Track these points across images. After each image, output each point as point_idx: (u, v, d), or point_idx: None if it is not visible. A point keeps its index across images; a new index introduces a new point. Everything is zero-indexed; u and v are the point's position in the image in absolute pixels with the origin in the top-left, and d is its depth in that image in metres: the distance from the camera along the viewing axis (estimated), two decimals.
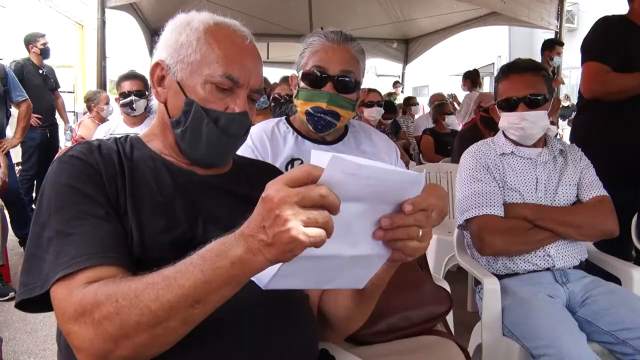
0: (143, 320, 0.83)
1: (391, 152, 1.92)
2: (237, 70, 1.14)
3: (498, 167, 2.16)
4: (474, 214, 2.09)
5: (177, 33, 1.17)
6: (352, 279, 0.95)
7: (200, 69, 1.14)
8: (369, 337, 1.53)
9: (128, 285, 0.86)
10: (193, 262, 0.83)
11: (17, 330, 3.06)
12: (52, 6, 8.52)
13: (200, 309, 0.84)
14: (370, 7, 7.65)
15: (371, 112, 4.55)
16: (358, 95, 1.77)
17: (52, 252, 0.95)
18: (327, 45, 1.70)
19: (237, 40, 1.17)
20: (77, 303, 0.87)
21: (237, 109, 1.15)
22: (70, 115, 8.05)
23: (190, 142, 1.17)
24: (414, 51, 9.60)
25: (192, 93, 1.15)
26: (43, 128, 5.57)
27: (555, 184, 2.14)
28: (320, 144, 1.80)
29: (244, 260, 0.79)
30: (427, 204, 0.86)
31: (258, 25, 7.34)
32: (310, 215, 0.73)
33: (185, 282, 0.82)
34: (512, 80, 2.15)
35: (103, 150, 1.12)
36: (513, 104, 2.12)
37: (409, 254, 0.89)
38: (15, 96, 4.30)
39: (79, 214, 0.98)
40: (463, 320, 2.73)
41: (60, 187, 1.02)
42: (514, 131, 2.16)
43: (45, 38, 5.66)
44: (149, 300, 0.83)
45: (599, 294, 1.94)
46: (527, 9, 5.41)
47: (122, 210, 1.05)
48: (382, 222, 0.84)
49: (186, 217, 1.10)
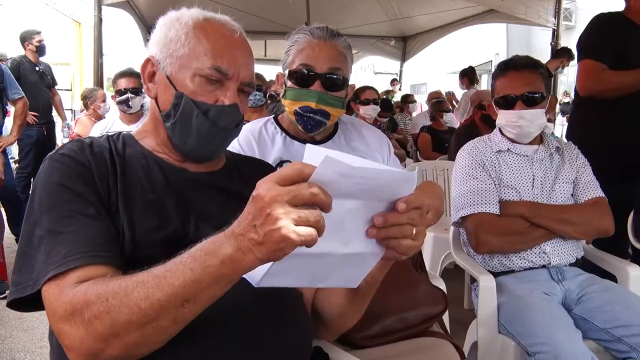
0: (133, 319, 0.82)
1: (382, 146, 1.87)
2: (226, 62, 1.14)
3: (494, 165, 2.16)
4: (470, 212, 2.09)
5: (166, 29, 1.17)
6: (345, 278, 0.95)
7: (189, 63, 1.13)
8: (365, 340, 1.52)
9: (118, 284, 0.85)
10: (183, 260, 0.83)
11: (14, 327, 3.06)
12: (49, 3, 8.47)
13: (190, 308, 0.83)
14: (368, 4, 7.65)
15: (367, 110, 4.53)
16: (347, 92, 1.73)
17: (43, 251, 0.95)
18: (314, 42, 1.66)
19: (226, 33, 1.17)
20: (67, 302, 0.87)
21: (227, 101, 1.15)
22: (67, 113, 8.03)
23: (181, 135, 1.16)
24: (411, 49, 9.61)
25: (182, 87, 1.14)
26: (40, 125, 5.54)
27: (551, 181, 2.13)
28: (310, 144, 1.78)
29: (234, 259, 0.78)
30: (420, 202, 0.86)
31: (255, 22, 7.37)
32: (301, 214, 0.73)
33: (175, 280, 0.81)
34: (509, 78, 2.14)
35: (95, 148, 1.11)
36: (510, 101, 2.12)
37: (403, 252, 0.89)
38: (11, 94, 4.28)
39: (70, 213, 0.98)
40: (459, 317, 2.73)
41: (51, 185, 1.02)
42: (511, 129, 2.16)
43: (40, 35, 5.64)
44: (139, 299, 0.82)
45: (594, 291, 1.94)
46: (524, 7, 5.42)
47: (113, 209, 1.04)
48: (375, 220, 0.84)
49: (178, 215, 1.09)
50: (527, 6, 5.45)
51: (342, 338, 1.43)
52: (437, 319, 1.67)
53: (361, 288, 1.05)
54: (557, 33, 5.68)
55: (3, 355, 2.77)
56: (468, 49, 19.39)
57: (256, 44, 9.66)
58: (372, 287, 1.09)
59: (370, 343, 1.54)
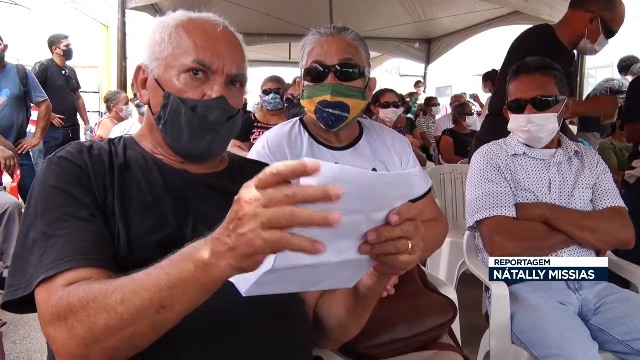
0: (110, 324, 0.81)
1: (404, 149, 1.85)
2: (209, 56, 1.13)
3: (510, 168, 2.11)
4: (485, 216, 2.05)
5: (152, 34, 1.18)
6: (339, 281, 0.92)
7: (173, 62, 1.14)
8: (370, 350, 1.49)
9: (99, 287, 0.84)
10: (163, 264, 0.81)
11: (32, 328, 3.10)
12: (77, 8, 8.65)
13: (166, 315, 0.81)
14: (392, 7, 7.59)
15: (387, 113, 4.47)
16: (366, 82, 1.70)
17: (37, 254, 0.95)
18: (322, 40, 1.67)
19: (208, 29, 1.16)
20: (53, 307, 0.86)
21: (214, 94, 1.13)
22: (95, 116, 8.18)
23: (173, 135, 1.16)
24: (436, 51, 9.52)
25: (169, 87, 1.14)
26: (65, 128, 5.68)
27: (571, 185, 2.07)
28: (336, 149, 1.75)
29: (208, 265, 0.76)
30: (414, 213, 0.82)
31: (280, 25, 7.40)
32: (272, 216, 0.68)
33: (151, 285, 0.80)
34: (521, 81, 2.09)
35: (94, 151, 1.12)
36: (521, 105, 2.07)
37: (401, 268, 0.86)
38: (35, 97, 4.37)
39: (63, 216, 0.98)
40: (478, 323, 2.68)
41: (47, 188, 1.02)
42: (521, 134, 2.11)
43: (68, 39, 5.75)
44: (116, 303, 0.81)
45: (613, 301, 1.88)
46: (549, 8, 5.31)
47: (109, 211, 1.04)
48: (369, 236, 0.80)
49: (176, 217, 1.09)
50: (553, 7, 5.33)
51: (347, 348, 1.40)
52: (446, 327, 1.63)
53: (361, 300, 1.04)
54: None
55: (21, 356, 2.81)
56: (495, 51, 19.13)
57: (281, 46, 9.76)
58: (372, 300, 1.07)
59: (376, 352, 1.50)
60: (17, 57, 8.64)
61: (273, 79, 4.31)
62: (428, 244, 1.75)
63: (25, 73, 4.33)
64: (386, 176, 0.77)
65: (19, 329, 3.10)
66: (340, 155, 1.74)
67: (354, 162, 1.72)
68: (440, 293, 1.72)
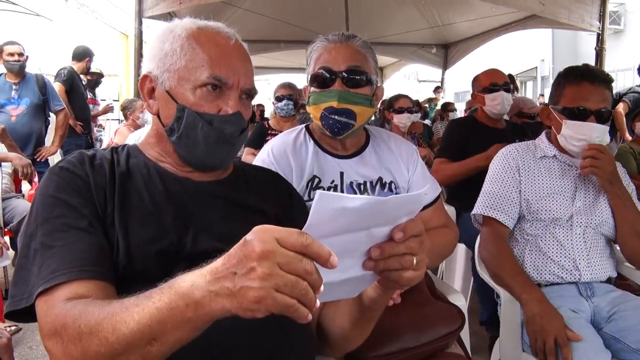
0: (102, 351, 0.80)
1: (411, 158, 1.82)
2: (224, 71, 1.13)
3: (532, 171, 2.07)
4: (484, 213, 2.08)
5: (161, 42, 1.17)
6: (343, 293, 0.92)
7: (187, 75, 1.13)
8: (377, 359, 1.47)
9: (92, 311, 0.83)
10: (153, 296, 0.79)
11: None
12: (97, 17, 8.79)
13: (158, 348, 0.79)
14: (408, 12, 7.56)
15: (401, 119, 4.42)
16: (373, 89, 1.70)
17: (37, 264, 0.96)
18: (330, 46, 1.67)
19: (221, 41, 1.16)
20: (51, 322, 0.87)
21: (230, 110, 1.14)
22: (115, 123, 8.29)
23: (187, 147, 1.16)
24: (453, 56, 9.45)
25: (183, 100, 1.14)
26: (86, 134, 5.76)
27: (593, 196, 2.02)
28: (342, 158, 1.75)
29: (200, 305, 0.75)
30: (419, 229, 0.82)
31: (296, 32, 7.41)
32: (287, 282, 0.68)
33: (141, 317, 0.78)
34: (584, 89, 1.97)
35: (95, 161, 1.13)
36: (583, 114, 1.96)
37: (405, 284, 0.86)
38: (53, 105, 4.45)
39: (62, 227, 0.99)
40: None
41: (47, 198, 1.03)
42: (576, 142, 1.98)
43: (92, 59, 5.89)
44: (107, 331, 0.80)
45: (627, 309, 1.83)
46: (567, 11, 5.23)
47: (109, 221, 1.04)
48: (372, 252, 0.80)
49: (176, 227, 1.08)
50: (570, 10, 5.26)
51: (352, 357, 1.39)
52: (453, 337, 1.60)
53: (365, 312, 1.03)
54: (602, 37, 5.44)
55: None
56: (513, 55, 18.97)
57: (298, 53, 9.76)
58: (376, 311, 1.06)
59: None
60: (39, 66, 8.79)
61: (285, 85, 4.32)
62: (437, 250, 1.74)
63: (44, 82, 4.41)
64: (395, 199, 0.76)
65: (35, 334, 3.12)
66: (345, 164, 1.73)
67: (359, 170, 1.71)
68: (448, 301, 1.70)
